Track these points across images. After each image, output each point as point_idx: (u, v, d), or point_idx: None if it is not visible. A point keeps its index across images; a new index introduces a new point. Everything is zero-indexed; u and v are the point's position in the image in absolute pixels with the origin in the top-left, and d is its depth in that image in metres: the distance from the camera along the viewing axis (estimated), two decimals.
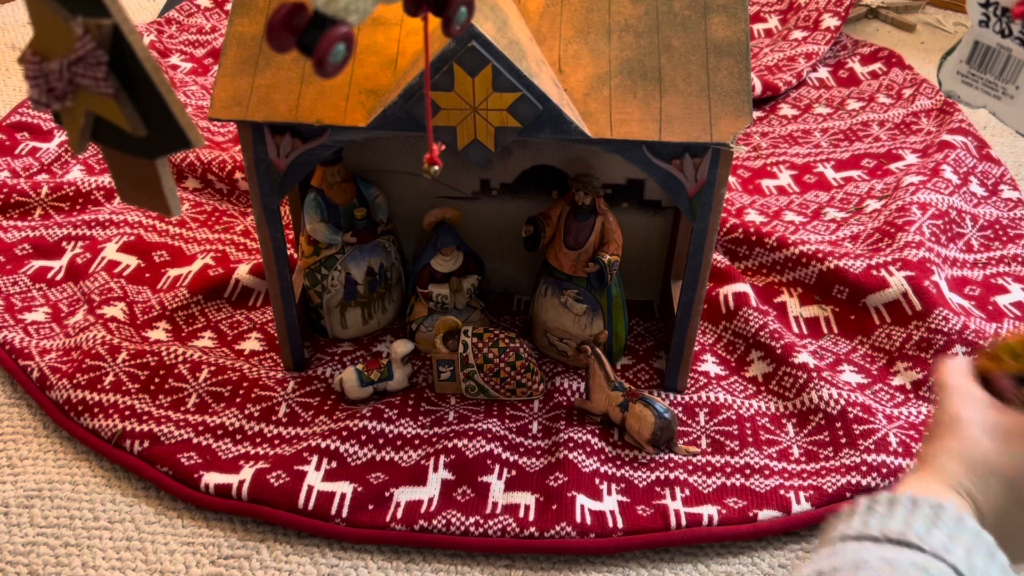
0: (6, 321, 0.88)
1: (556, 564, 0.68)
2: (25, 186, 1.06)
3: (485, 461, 0.74)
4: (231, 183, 1.10)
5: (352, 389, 0.79)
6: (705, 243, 0.71)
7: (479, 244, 0.92)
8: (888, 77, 1.42)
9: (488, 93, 0.62)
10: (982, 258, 1.01)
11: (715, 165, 0.67)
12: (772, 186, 1.16)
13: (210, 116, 0.67)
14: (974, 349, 0.84)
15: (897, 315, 0.89)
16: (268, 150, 0.69)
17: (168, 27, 1.51)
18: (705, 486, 0.72)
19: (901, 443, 0.75)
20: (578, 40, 0.69)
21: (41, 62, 0.41)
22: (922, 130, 1.27)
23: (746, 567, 0.68)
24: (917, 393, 0.82)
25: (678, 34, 0.68)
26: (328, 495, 0.70)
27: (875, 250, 0.97)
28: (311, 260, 0.84)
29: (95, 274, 0.95)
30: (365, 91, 0.67)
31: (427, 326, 0.85)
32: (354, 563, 0.67)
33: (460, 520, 0.68)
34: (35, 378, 0.81)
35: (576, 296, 0.80)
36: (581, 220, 0.78)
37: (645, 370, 0.85)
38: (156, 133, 0.42)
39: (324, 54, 0.39)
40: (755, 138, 1.28)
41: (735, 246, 1.01)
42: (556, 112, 0.63)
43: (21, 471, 0.74)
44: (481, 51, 0.60)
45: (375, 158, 0.87)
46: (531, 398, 0.81)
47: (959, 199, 1.07)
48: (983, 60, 0.58)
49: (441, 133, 0.64)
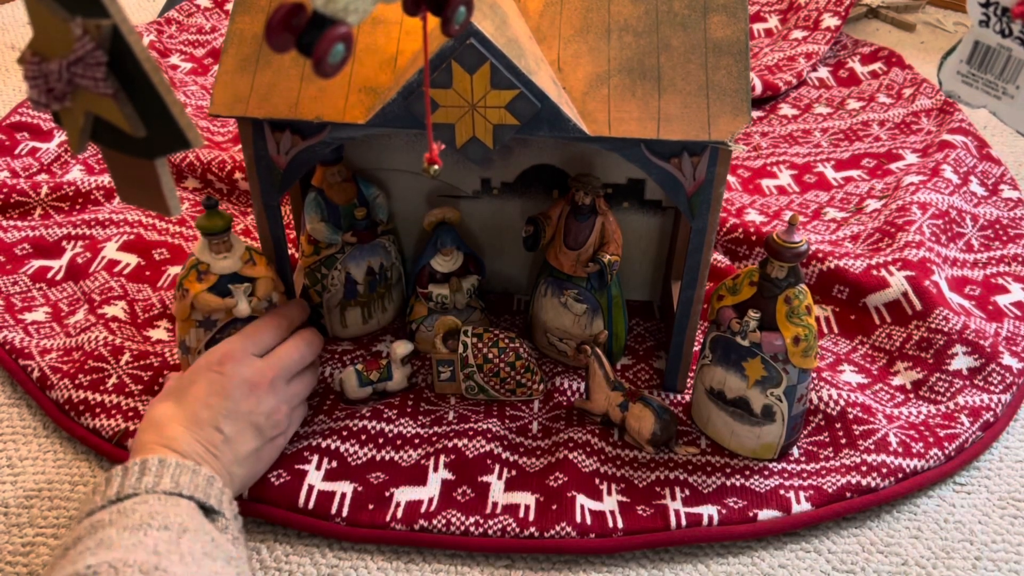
0: (6, 321, 0.88)
1: (556, 564, 0.68)
2: (25, 186, 1.06)
3: (485, 461, 0.74)
4: (231, 183, 1.10)
5: (351, 389, 0.79)
6: (704, 242, 0.71)
7: (479, 244, 0.92)
8: (888, 77, 1.42)
9: (486, 90, 0.62)
10: (982, 258, 1.01)
11: (713, 164, 0.67)
12: (772, 186, 1.16)
13: (210, 113, 0.68)
14: (974, 349, 0.84)
15: (897, 315, 0.89)
16: (268, 147, 0.70)
17: (168, 27, 1.51)
18: (705, 486, 0.72)
19: (901, 443, 0.75)
20: (577, 39, 0.69)
21: (40, 62, 0.41)
22: (922, 130, 1.27)
23: (746, 567, 0.68)
24: (917, 393, 0.82)
25: (677, 33, 0.68)
26: (328, 495, 0.70)
27: (875, 250, 0.97)
28: (311, 259, 0.84)
29: (95, 273, 0.95)
30: (364, 89, 0.67)
31: (427, 326, 0.85)
32: (354, 563, 0.67)
33: (460, 520, 0.69)
34: (35, 378, 0.81)
35: (576, 296, 0.80)
36: (581, 220, 0.78)
37: (645, 370, 0.85)
38: (155, 133, 0.42)
39: (323, 54, 0.39)
40: (755, 138, 1.28)
41: (735, 246, 1.01)
42: (554, 110, 0.64)
43: (21, 471, 0.74)
44: (480, 48, 0.60)
45: (375, 157, 0.87)
46: (531, 398, 0.81)
47: (959, 199, 1.07)
48: (983, 60, 0.58)
49: (440, 130, 0.65)
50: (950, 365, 0.83)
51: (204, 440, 0.63)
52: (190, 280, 0.74)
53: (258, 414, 0.67)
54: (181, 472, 0.57)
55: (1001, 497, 0.74)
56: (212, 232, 0.73)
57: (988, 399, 0.80)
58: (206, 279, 0.74)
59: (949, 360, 0.83)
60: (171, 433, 0.63)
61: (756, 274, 0.70)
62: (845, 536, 0.70)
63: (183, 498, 0.56)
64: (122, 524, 0.52)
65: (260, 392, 0.68)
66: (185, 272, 0.74)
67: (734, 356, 0.72)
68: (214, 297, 0.74)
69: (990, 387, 0.82)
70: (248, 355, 0.69)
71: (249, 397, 0.67)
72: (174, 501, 0.55)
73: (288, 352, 0.72)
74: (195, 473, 0.58)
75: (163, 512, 0.53)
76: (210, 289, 0.74)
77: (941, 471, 0.74)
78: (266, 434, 0.68)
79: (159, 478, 0.56)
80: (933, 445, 0.75)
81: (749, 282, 0.70)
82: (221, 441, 0.64)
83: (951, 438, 0.76)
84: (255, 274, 0.75)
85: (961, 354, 0.83)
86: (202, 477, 0.58)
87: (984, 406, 0.79)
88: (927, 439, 0.75)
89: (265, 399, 0.68)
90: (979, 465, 0.77)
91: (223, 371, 0.67)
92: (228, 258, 0.74)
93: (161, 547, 0.50)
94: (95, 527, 0.52)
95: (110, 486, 0.56)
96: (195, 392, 0.66)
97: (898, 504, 0.73)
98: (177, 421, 0.64)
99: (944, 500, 0.73)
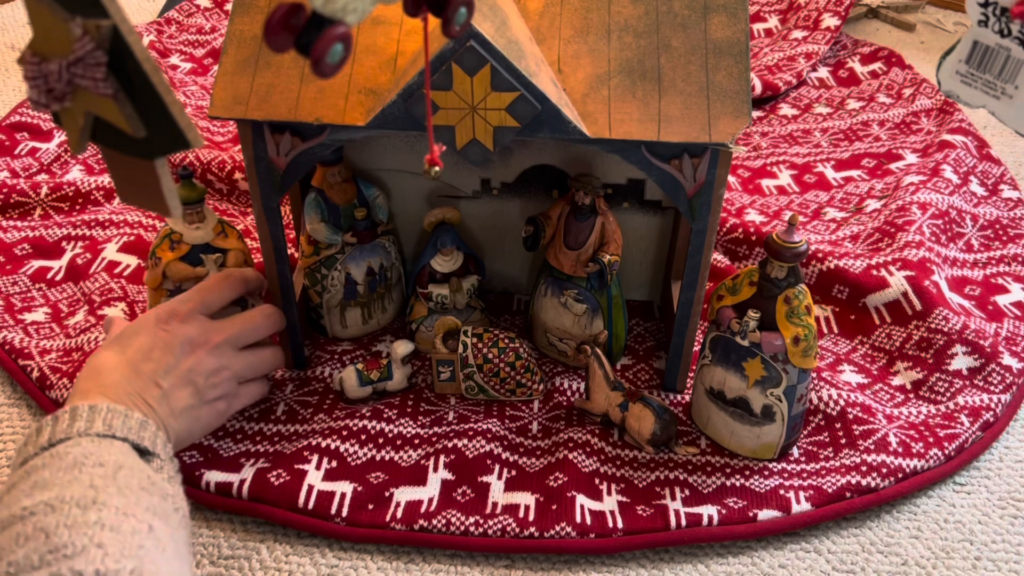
0: (6, 321, 0.88)
1: (556, 564, 0.68)
2: (25, 186, 1.06)
3: (485, 461, 0.74)
4: (231, 183, 1.10)
5: (351, 389, 0.79)
6: (704, 243, 0.71)
7: (479, 244, 0.92)
8: (888, 77, 1.42)
9: (487, 92, 0.63)
10: (982, 258, 1.01)
11: (714, 165, 0.67)
12: (772, 186, 1.17)
13: (210, 115, 0.68)
14: (974, 349, 0.84)
15: (897, 315, 0.89)
16: (268, 148, 0.70)
17: (168, 27, 1.51)
18: (705, 486, 0.72)
19: (901, 443, 0.75)
20: (577, 40, 0.69)
21: (40, 63, 0.41)
22: (922, 130, 1.27)
23: (746, 567, 0.68)
24: (917, 393, 0.82)
25: (678, 34, 0.68)
26: (328, 494, 0.70)
27: (875, 250, 0.97)
28: (311, 260, 0.84)
29: (95, 274, 0.95)
30: (364, 91, 0.67)
31: (427, 326, 0.85)
32: (354, 563, 0.67)
33: (460, 520, 0.69)
34: (35, 378, 0.81)
35: (576, 296, 0.80)
36: (581, 220, 0.78)
37: (645, 370, 0.85)
38: (155, 133, 0.42)
39: (322, 54, 0.39)
40: (755, 138, 1.28)
41: (735, 246, 1.01)
42: (554, 112, 0.64)
43: None
44: (480, 51, 0.60)
45: (375, 158, 0.87)
46: (531, 398, 0.81)
47: (959, 199, 1.07)
48: (982, 60, 0.58)
49: (440, 133, 0.65)
50: (950, 365, 0.83)
51: (142, 391, 0.64)
52: (163, 249, 0.76)
53: (198, 373, 0.68)
54: (113, 416, 0.58)
55: (1001, 497, 0.74)
56: (187, 202, 0.75)
57: (988, 399, 0.80)
58: (178, 248, 0.76)
59: (949, 360, 0.83)
60: (109, 381, 0.63)
61: (756, 274, 0.70)
62: (845, 536, 0.70)
63: (116, 440, 0.57)
64: (56, 466, 0.52)
65: (201, 353, 0.69)
66: (159, 241, 0.77)
67: (734, 356, 0.72)
68: (185, 266, 0.76)
69: (990, 387, 0.82)
70: (195, 314, 0.70)
71: (190, 355, 0.68)
72: (107, 443, 0.56)
73: (241, 321, 0.73)
74: (127, 417, 0.59)
75: (96, 452, 0.54)
76: (182, 258, 0.76)
77: (941, 471, 0.74)
78: (204, 395, 0.69)
79: (90, 423, 0.57)
80: (933, 445, 0.75)
81: (749, 282, 0.70)
82: (159, 394, 0.65)
83: (951, 438, 0.76)
84: (227, 245, 0.78)
85: (961, 354, 0.83)
86: (135, 420, 0.59)
87: (984, 406, 0.79)
88: (927, 439, 0.75)
89: (206, 360, 0.69)
90: (979, 465, 0.77)
91: (168, 328, 0.68)
92: (201, 228, 0.76)
93: (97, 481, 0.51)
94: (29, 472, 0.52)
95: (41, 435, 0.56)
96: (138, 344, 0.66)
97: (898, 504, 0.73)
98: (117, 370, 0.64)
99: (944, 500, 0.74)
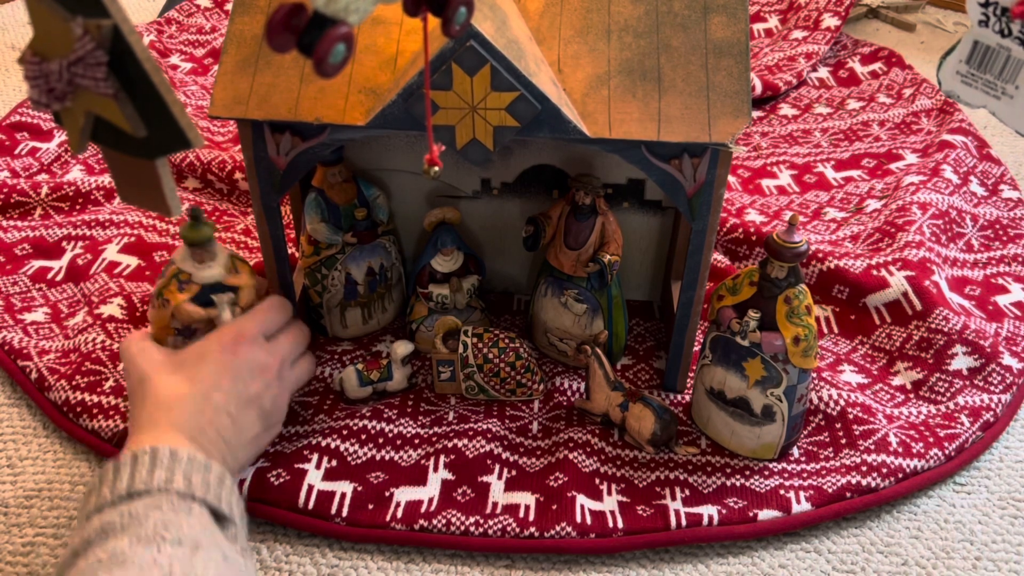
0: (5, 321, 0.88)
1: (556, 564, 0.68)
2: (25, 186, 1.06)
3: (485, 461, 0.74)
4: (231, 183, 1.10)
5: (352, 388, 0.79)
6: (704, 243, 0.71)
7: (479, 244, 0.92)
8: (888, 77, 1.42)
9: (487, 92, 0.62)
10: (982, 258, 1.01)
11: (714, 165, 0.67)
12: (772, 186, 1.17)
13: (210, 114, 0.68)
14: (974, 349, 0.84)
15: (897, 315, 0.89)
16: (268, 148, 0.70)
17: (168, 27, 1.51)
18: (705, 486, 0.72)
19: (901, 443, 0.75)
20: (577, 40, 0.69)
21: (41, 63, 0.41)
22: (922, 130, 1.27)
23: (746, 567, 0.68)
24: (917, 393, 0.82)
25: (678, 34, 0.68)
26: (328, 494, 0.70)
27: (875, 250, 0.97)
28: (311, 260, 0.84)
29: (95, 275, 0.95)
30: (364, 90, 0.67)
31: (427, 326, 0.85)
32: (354, 563, 0.67)
33: (460, 520, 0.69)
34: (33, 379, 0.81)
35: (576, 296, 0.80)
36: (581, 220, 0.78)
37: (645, 370, 0.85)
38: (156, 133, 0.42)
39: (324, 54, 0.39)
40: (755, 138, 1.28)
41: (735, 246, 1.01)
42: (554, 111, 0.64)
43: (21, 471, 0.74)
44: (479, 50, 0.60)
45: (375, 157, 0.87)
46: (531, 398, 0.81)
47: (959, 199, 1.07)
48: (983, 60, 0.58)
49: (440, 132, 0.65)
50: (950, 365, 0.83)
51: (215, 424, 0.62)
52: (170, 290, 0.71)
53: (265, 398, 0.66)
54: (193, 469, 0.55)
55: (1001, 497, 0.74)
56: (196, 244, 0.70)
57: (988, 399, 0.80)
58: (188, 289, 0.70)
59: (949, 360, 0.83)
60: (179, 415, 0.61)
61: (756, 274, 0.70)
62: (845, 536, 0.70)
63: (195, 502, 0.54)
64: (134, 533, 0.50)
65: (268, 376, 0.67)
66: (165, 282, 0.71)
67: (734, 356, 0.72)
68: (196, 308, 0.70)
69: (990, 387, 0.82)
70: (260, 338, 0.68)
71: (257, 379, 0.66)
72: (186, 508, 0.53)
73: (288, 339, 0.71)
74: (207, 471, 0.56)
75: (175, 523, 0.51)
76: (192, 299, 0.70)
77: (941, 471, 0.74)
78: (269, 419, 0.68)
79: (171, 473, 0.54)
80: (933, 445, 0.75)
81: (749, 282, 0.70)
82: (230, 425, 0.63)
83: (951, 438, 0.76)
84: (238, 283, 0.72)
85: (961, 354, 0.83)
86: (213, 476, 0.56)
87: (984, 406, 0.79)
88: (927, 439, 0.75)
89: (272, 384, 0.67)
90: (979, 465, 0.77)
91: (237, 352, 0.65)
92: (211, 267, 0.71)
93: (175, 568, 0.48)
94: (105, 531, 0.50)
95: (119, 478, 0.53)
96: (206, 372, 0.63)
97: (898, 504, 0.73)
98: (188, 402, 0.62)
99: (944, 500, 0.74)
